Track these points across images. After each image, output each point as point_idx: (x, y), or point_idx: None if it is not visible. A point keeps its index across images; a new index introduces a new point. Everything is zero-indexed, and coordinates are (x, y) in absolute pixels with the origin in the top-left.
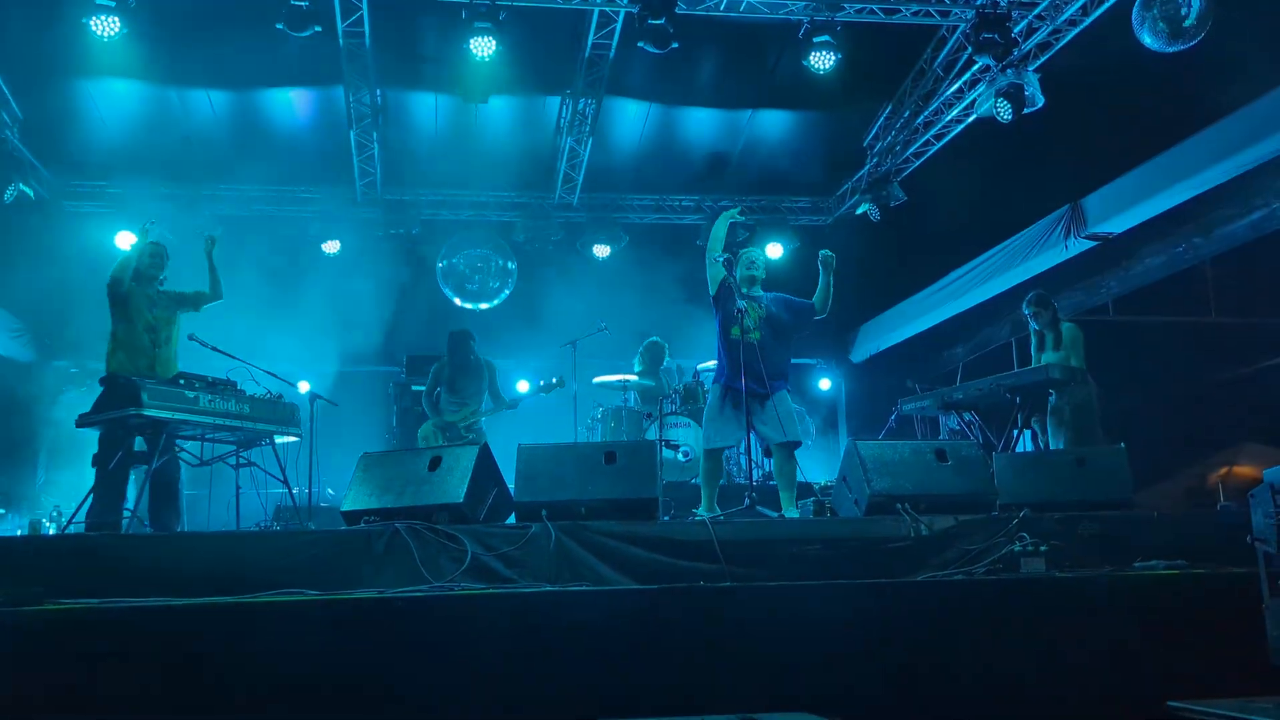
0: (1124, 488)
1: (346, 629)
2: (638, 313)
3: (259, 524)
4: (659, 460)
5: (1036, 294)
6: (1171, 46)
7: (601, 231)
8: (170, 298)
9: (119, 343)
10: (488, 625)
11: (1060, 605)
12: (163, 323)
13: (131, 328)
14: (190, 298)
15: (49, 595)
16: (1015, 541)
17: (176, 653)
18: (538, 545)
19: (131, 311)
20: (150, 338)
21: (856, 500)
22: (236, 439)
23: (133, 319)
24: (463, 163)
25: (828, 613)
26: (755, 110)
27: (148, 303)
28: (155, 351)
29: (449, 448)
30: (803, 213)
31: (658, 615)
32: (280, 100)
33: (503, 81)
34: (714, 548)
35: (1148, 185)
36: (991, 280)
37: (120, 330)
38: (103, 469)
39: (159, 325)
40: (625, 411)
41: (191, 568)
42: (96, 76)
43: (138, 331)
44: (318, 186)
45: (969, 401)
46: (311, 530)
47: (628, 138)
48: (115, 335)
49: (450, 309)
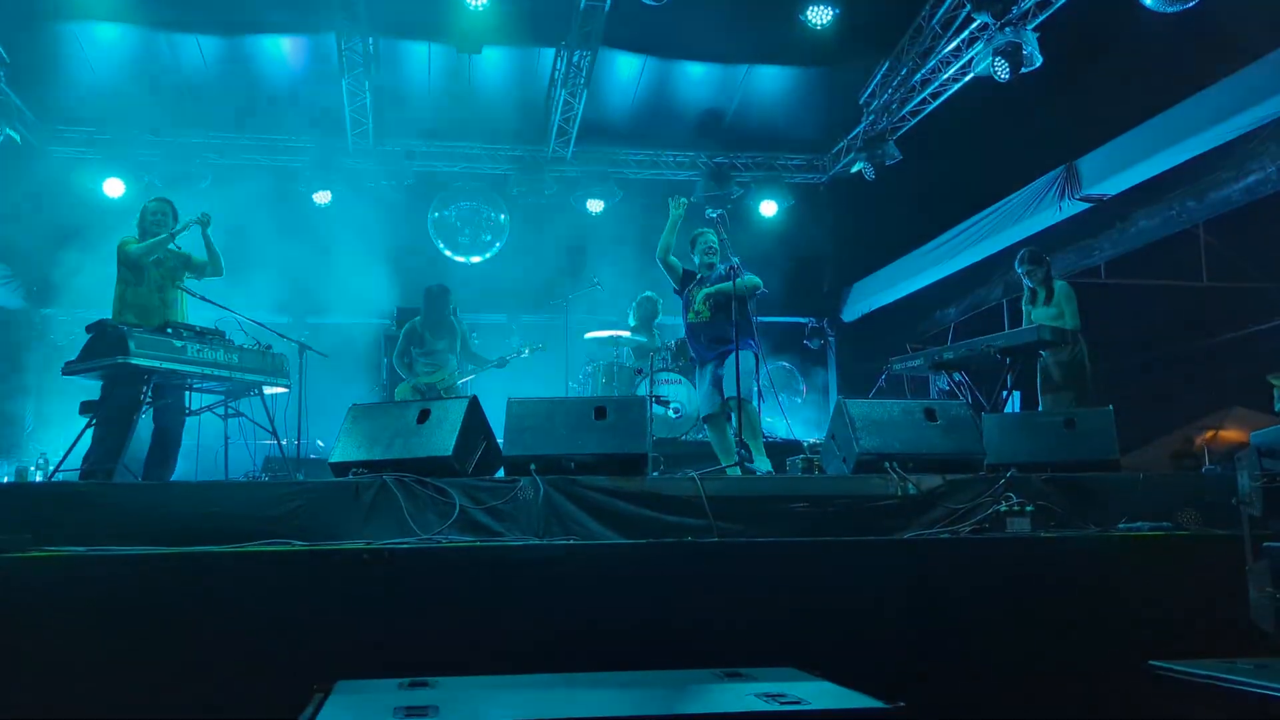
0: (1110, 449)
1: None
2: (631, 268)
3: (247, 474)
4: (649, 416)
5: (1029, 251)
6: (1171, 7)
7: (595, 186)
8: (178, 260)
9: (126, 304)
10: (475, 578)
11: (1045, 564)
12: (168, 280)
13: (139, 290)
14: (196, 264)
15: (35, 542)
16: (1002, 501)
17: (163, 601)
18: (526, 499)
19: (142, 273)
20: (159, 297)
21: (845, 458)
22: (225, 389)
23: (142, 280)
24: (456, 114)
25: (814, 569)
26: (751, 66)
27: (156, 261)
28: (165, 310)
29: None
30: (798, 170)
31: (644, 570)
32: (271, 47)
33: (496, 32)
34: (702, 504)
35: (1143, 147)
36: (985, 240)
37: (129, 293)
38: (110, 413)
39: (165, 283)
40: (617, 367)
41: (179, 517)
42: (84, 20)
43: (147, 292)
44: (309, 136)
45: (959, 362)
46: (300, 481)
47: (623, 91)
48: (123, 298)
49: (442, 261)
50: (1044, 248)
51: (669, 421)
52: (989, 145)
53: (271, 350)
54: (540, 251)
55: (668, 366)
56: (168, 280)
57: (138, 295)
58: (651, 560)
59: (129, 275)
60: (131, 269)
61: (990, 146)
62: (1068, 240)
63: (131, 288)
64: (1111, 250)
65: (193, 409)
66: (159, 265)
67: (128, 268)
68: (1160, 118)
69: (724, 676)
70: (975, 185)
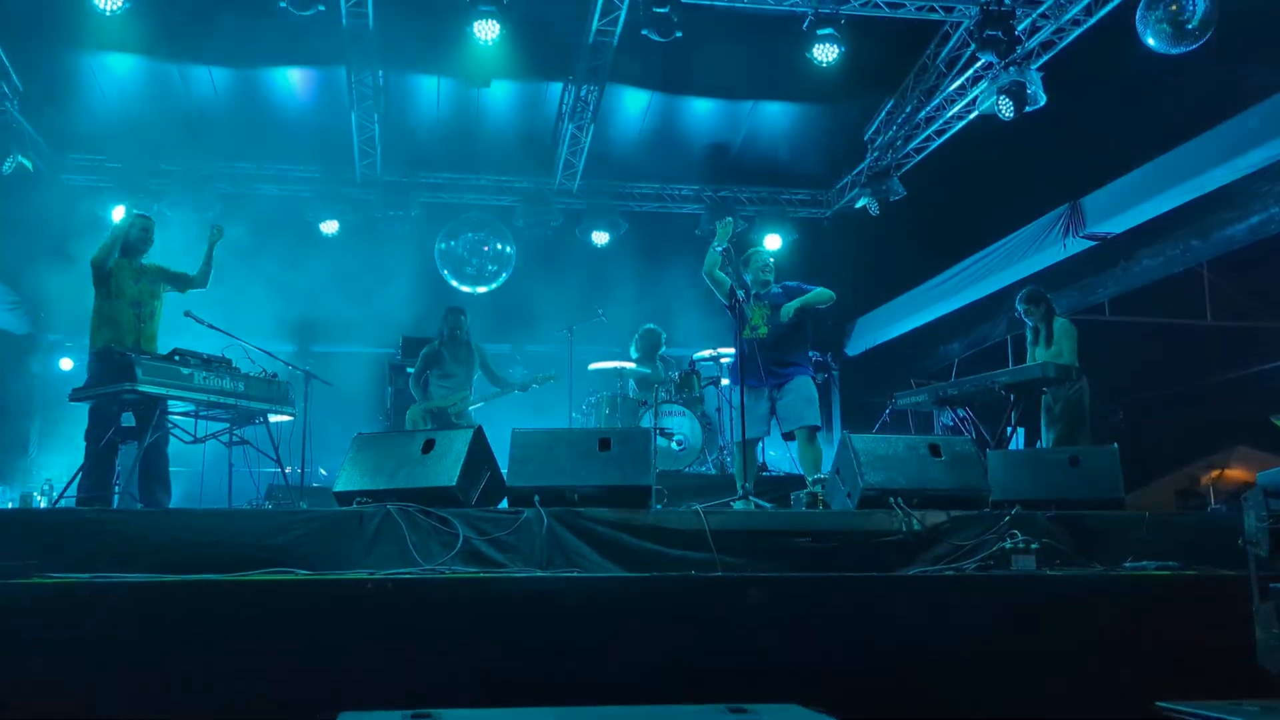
0: (1116, 487)
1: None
2: (635, 300)
3: (251, 502)
4: (653, 448)
5: (1029, 290)
6: (1175, 49)
7: (601, 218)
8: (156, 272)
9: (104, 319)
10: (478, 609)
11: (1051, 603)
12: (147, 296)
13: (115, 303)
14: (177, 277)
15: (39, 569)
16: (1007, 538)
17: (166, 629)
18: (529, 531)
19: (117, 285)
20: (135, 312)
21: (849, 493)
22: (230, 417)
23: (117, 294)
24: (463, 146)
25: (818, 605)
26: (757, 102)
27: (133, 275)
28: (140, 326)
29: (443, 430)
30: (802, 205)
31: (648, 604)
32: (282, 79)
33: (505, 66)
34: (706, 537)
35: (1147, 186)
36: (990, 277)
37: (105, 306)
38: (94, 444)
39: (143, 299)
40: (621, 399)
41: (183, 544)
42: (98, 50)
43: (122, 306)
44: (317, 166)
45: (963, 397)
46: (303, 510)
47: (629, 125)
48: (99, 312)
49: (448, 291)
50: (1048, 285)
51: (673, 454)
52: (993, 182)
53: (277, 378)
54: (545, 283)
55: (671, 398)
56: (145, 296)
57: (112, 308)
58: (655, 594)
59: (102, 289)
60: (102, 282)
61: (994, 183)
62: (1072, 278)
63: (108, 302)
64: (1115, 288)
65: (198, 436)
66: (135, 280)
67: (99, 281)
68: (1165, 157)
69: (728, 712)
70: (979, 222)
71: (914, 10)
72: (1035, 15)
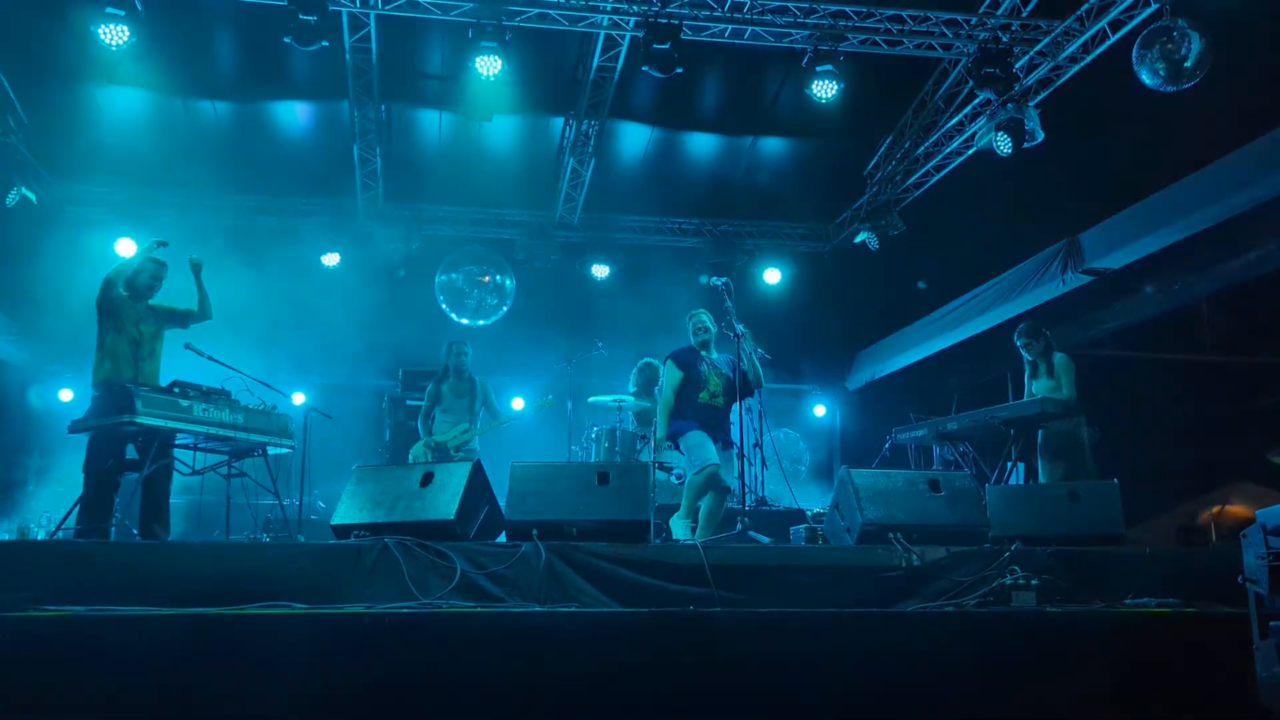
0: (1116, 523)
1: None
2: (635, 334)
3: (249, 535)
4: (652, 483)
5: (1027, 325)
6: (1170, 87)
7: (601, 251)
8: (159, 313)
9: (106, 351)
10: (475, 644)
11: (1051, 640)
12: (147, 337)
13: (119, 338)
14: (180, 314)
15: (36, 601)
16: (1007, 574)
17: (162, 662)
18: (528, 565)
19: (120, 322)
20: (134, 350)
21: (849, 528)
22: (229, 449)
23: (118, 330)
24: (464, 180)
25: (817, 641)
26: (757, 137)
27: (135, 316)
28: (139, 364)
29: (442, 464)
30: (802, 239)
31: (646, 639)
32: (285, 112)
33: (507, 100)
34: (704, 572)
35: (1145, 223)
36: (988, 312)
37: (108, 340)
38: (92, 475)
39: (143, 339)
40: (620, 432)
41: (180, 577)
42: (103, 83)
43: (124, 342)
44: (319, 199)
45: (963, 432)
46: (301, 543)
47: (630, 159)
48: (103, 344)
49: (448, 324)
50: (1046, 320)
51: (672, 488)
52: (992, 218)
53: (276, 410)
54: (545, 315)
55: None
56: (146, 336)
57: (113, 343)
58: (654, 629)
59: (106, 323)
60: (108, 316)
61: (993, 219)
62: (1070, 313)
63: (110, 335)
64: (1114, 323)
65: (195, 468)
66: (138, 322)
67: (104, 315)
68: (1162, 193)
69: None
70: (978, 257)
71: (912, 48)
72: (1033, 53)
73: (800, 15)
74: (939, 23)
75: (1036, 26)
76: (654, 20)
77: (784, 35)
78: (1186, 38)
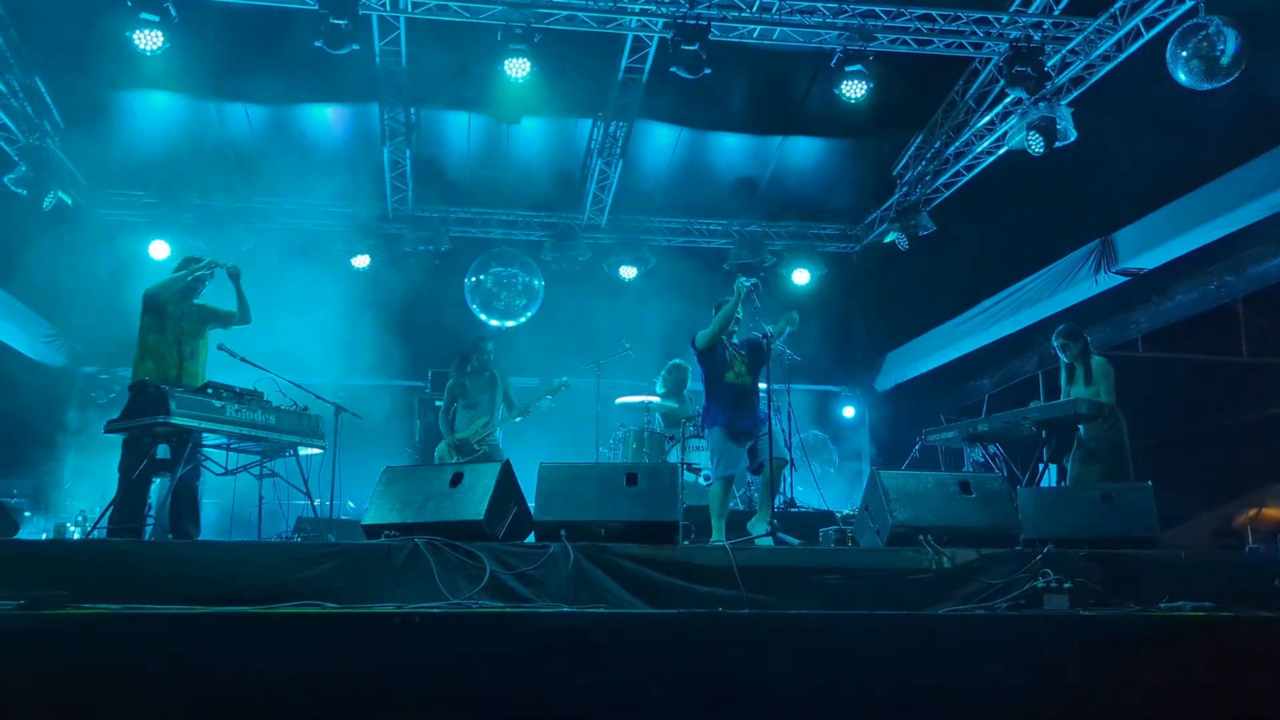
0: (1150, 526)
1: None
2: (663, 335)
3: (280, 535)
4: (680, 483)
5: (1067, 326)
6: (1205, 85)
7: (629, 253)
8: (202, 313)
9: (147, 350)
10: (504, 645)
11: (1083, 644)
12: (189, 336)
13: (162, 338)
14: (222, 315)
15: (72, 599)
16: (1039, 577)
17: (195, 660)
18: (556, 565)
19: (164, 321)
20: (178, 349)
21: (878, 530)
22: (261, 449)
23: (164, 328)
24: (493, 182)
25: (846, 644)
26: (785, 137)
27: (179, 315)
28: (183, 364)
29: (471, 464)
30: (831, 240)
31: (674, 641)
32: (316, 116)
33: (535, 103)
34: (733, 574)
35: (1180, 222)
36: (1020, 312)
37: (151, 339)
38: (127, 475)
39: (185, 338)
40: (648, 433)
41: (212, 576)
42: (137, 88)
43: (167, 342)
44: (349, 201)
45: (994, 434)
46: (332, 543)
47: (658, 161)
48: (144, 343)
49: (476, 326)
50: (1080, 321)
51: (700, 489)
52: (1023, 216)
53: (308, 411)
54: (573, 316)
55: (699, 433)
56: (188, 335)
57: (156, 343)
58: (682, 631)
59: (151, 321)
60: (154, 313)
61: (1024, 219)
62: (1104, 314)
63: (154, 335)
64: (1149, 324)
65: (229, 469)
66: (182, 319)
67: (150, 312)
68: (1197, 192)
69: None
70: (1009, 257)
71: (942, 47)
72: (1065, 51)
73: (829, 15)
74: (970, 21)
75: (1069, 24)
76: (682, 21)
77: (813, 35)
78: (1222, 35)
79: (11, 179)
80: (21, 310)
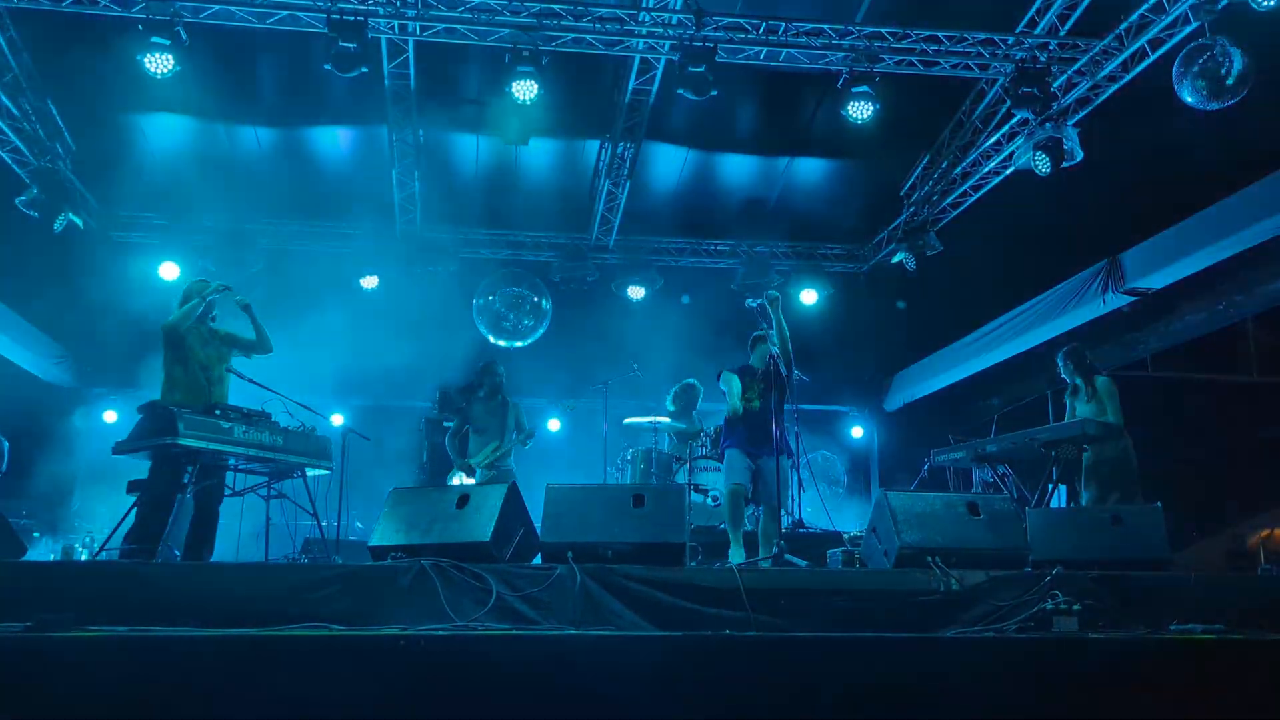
0: (1161, 547)
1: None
2: (670, 355)
3: (287, 556)
4: (688, 505)
5: (1070, 348)
6: (1211, 104)
7: (637, 273)
8: (221, 337)
9: (175, 383)
10: (510, 667)
11: (1094, 666)
12: (214, 360)
13: (188, 369)
14: (244, 343)
15: (79, 621)
16: (1048, 599)
17: (203, 683)
18: (563, 587)
19: (186, 352)
20: (205, 376)
21: (886, 552)
22: (269, 470)
23: (188, 359)
24: (501, 203)
25: (854, 666)
26: (793, 158)
27: (200, 341)
28: (211, 390)
29: (477, 486)
30: (838, 260)
31: (682, 662)
32: (325, 138)
33: (543, 124)
34: (740, 596)
35: (1188, 241)
36: (1028, 332)
37: (176, 371)
38: (153, 493)
39: (210, 363)
40: (655, 454)
41: (220, 598)
42: (148, 111)
43: (194, 371)
44: (358, 223)
45: (1003, 454)
46: (338, 564)
47: (665, 182)
48: (171, 376)
49: (485, 347)
50: (1087, 341)
51: (708, 510)
52: (1030, 237)
53: (315, 432)
54: (581, 337)
55: (707, 454)
56: (214, 360)
57: (186, 374)
58: (690, 653)
59: (174, 354)
60: (175, 346)
61: (1032, 239)
62: (1112, 333)
63: (180, 366)
64: (1157, 344)
65: (236, 489)
66: (204, 345)
67: (171, 345)
68: (1205, 212)
69: None
70: (1017, 277)
71: (949, 68)
72: (1071, 72)
73: (835, 37)
74: (976, 43)
75: (1074, 45)
76: (689, 43)
77: (819, 57)
78: (1228, 55)
79: (23, 201)
80: (31, 331)
